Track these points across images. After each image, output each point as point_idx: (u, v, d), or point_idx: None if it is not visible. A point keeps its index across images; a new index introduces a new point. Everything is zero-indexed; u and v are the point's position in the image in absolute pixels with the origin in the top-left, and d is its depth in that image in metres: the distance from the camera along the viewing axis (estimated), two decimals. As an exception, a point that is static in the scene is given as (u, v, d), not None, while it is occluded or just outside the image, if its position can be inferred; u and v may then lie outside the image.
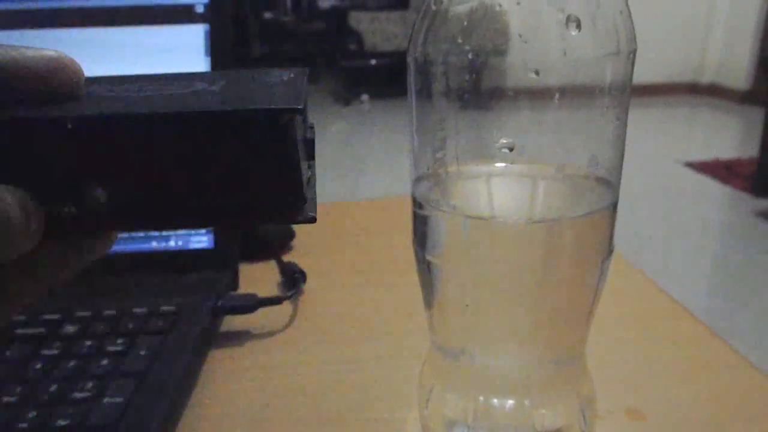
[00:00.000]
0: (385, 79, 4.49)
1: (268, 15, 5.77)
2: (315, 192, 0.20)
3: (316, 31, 5.37)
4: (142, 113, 0.17)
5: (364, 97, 4.68)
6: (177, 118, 0.17)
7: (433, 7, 0.25)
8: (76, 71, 0.18)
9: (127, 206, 0.18)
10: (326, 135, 3.79)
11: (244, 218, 0.19)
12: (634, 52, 0.24)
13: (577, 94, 0.24)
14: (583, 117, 0.25)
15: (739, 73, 4.45)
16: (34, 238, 0.17)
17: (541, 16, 0.24)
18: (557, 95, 0.24)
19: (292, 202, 0.18)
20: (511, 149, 0.25)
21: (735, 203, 2.60)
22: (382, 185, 2.71)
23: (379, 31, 4.69)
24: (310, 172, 0.20)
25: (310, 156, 0.21)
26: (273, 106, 0.17)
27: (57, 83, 0.18)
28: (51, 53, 0.18)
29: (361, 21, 4.72)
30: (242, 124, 0.17)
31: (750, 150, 2.89)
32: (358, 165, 3.24)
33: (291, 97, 0.18)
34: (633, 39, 0.24)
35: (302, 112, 0.17)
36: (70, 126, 0.17)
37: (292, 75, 0.20)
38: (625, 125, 0.26)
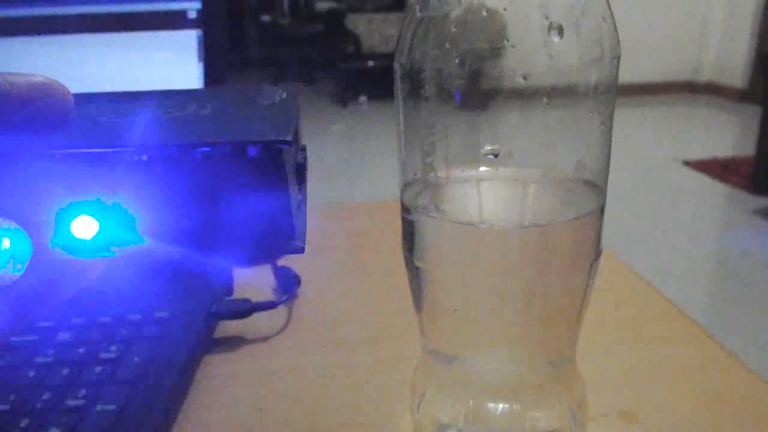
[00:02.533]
0: (382, 80, 4.49)
1: (265, 18, 5.79)
2: (305, 219, 0.20)
3: (313, 34, 5.38)
4: (131, 145, 0.17)
5: (362, 98, 4.68)
6: (164, 150, 0.17)
7: (419, 14, 0.25)
8: (65, 97, 0.18)
9: (112, 236, 0.18)
10: (324, 136, 3.79)
11: (230, 249, 0.18)
12: (618, 57, 0.25)
13: (564, 99, 0.24)
14: (569, 122, 0.25)
15: (736, 72, 4.45)
16: None
17: (526, 22, 0.24)
18: (544, 100, 0.24)
19: (280, 233, 0.18)
20: (496, 155, 0.25)
21: (733, 201, 2.60)
22: (380, 187, 2.71)
23: (376, 33, 4.70)
24: (300, 197, 0.20)
25: (301, 181, 0.20)
26: (262, 139, 0.17)
27: (45, 110, 0.17)
28: (38, 79, 0.17)
29: (358, 23, 4.72)
30: (231, 155, 0.17)
31: (747, 148, 2.89)
32: (355, 166, 3.24)
33: (282, 126, 0.18)
34: (617, 44, 0.25)
35: (292, 143, 0.17)
36: (57, 157, 0.17)
37: (284, 95, 0.20)
38: (611, 129, 0.26)
